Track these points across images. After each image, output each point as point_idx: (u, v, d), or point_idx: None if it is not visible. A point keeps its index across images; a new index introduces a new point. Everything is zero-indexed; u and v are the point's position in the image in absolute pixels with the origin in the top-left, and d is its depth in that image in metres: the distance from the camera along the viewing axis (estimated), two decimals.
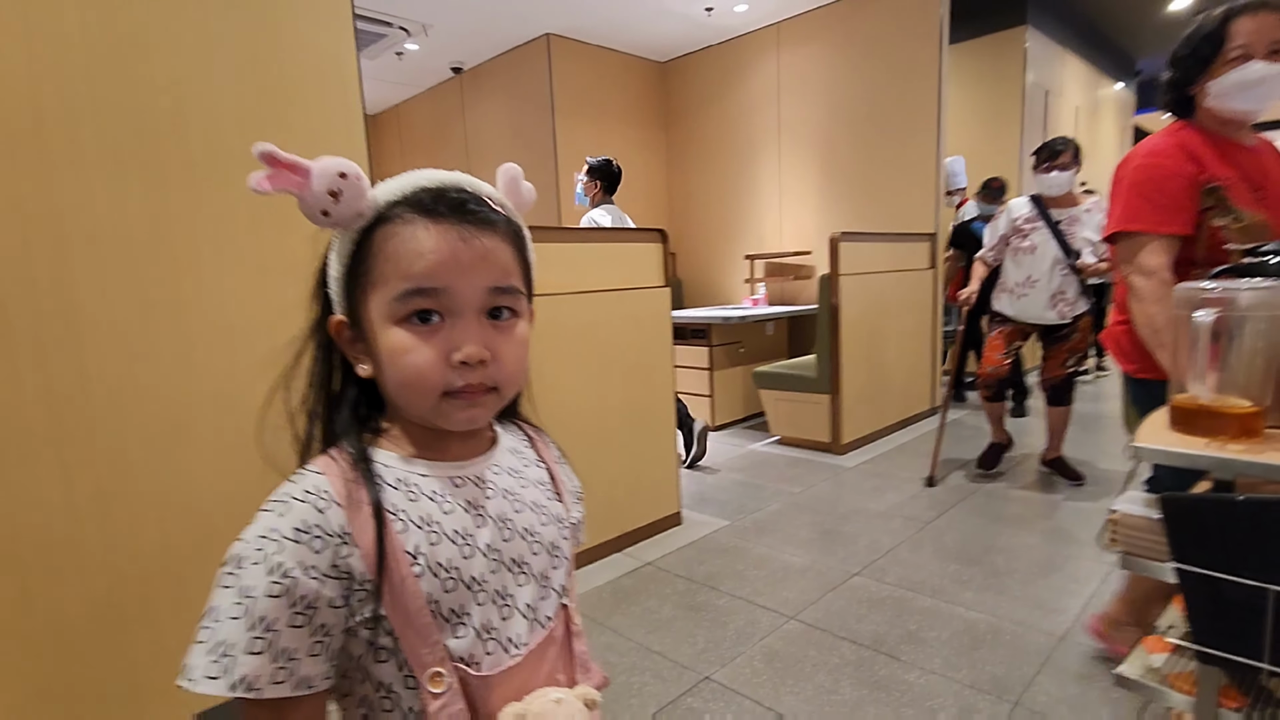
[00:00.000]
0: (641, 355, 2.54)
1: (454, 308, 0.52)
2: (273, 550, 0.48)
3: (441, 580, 0.52)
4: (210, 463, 1.50)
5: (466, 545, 0.54)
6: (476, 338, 0.52)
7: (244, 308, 1.52)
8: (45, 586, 1.32)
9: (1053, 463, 3.07)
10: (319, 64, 1.61)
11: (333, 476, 0.52)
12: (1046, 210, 2.82)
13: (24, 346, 1.27)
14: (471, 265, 0.52)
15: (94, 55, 1.32)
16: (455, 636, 0.52)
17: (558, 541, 0.62)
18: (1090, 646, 1.74)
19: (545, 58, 4.83)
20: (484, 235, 0.53)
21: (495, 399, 0.55)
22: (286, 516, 0.50)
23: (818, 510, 2.83)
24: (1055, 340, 2.91)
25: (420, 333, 0.52)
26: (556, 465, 0.67)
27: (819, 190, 4.79)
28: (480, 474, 0.58)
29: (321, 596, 0.49)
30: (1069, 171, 2.76)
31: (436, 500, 0.55)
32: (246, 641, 0.47)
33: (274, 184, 0.51)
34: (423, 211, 0.52)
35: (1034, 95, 5.30)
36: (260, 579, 0.48)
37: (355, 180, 0.51)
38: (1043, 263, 2.79)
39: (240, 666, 0.47)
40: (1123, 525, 1.01)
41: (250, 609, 0.47)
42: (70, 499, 1.33)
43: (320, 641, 0.49)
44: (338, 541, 0.49)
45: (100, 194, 1.34)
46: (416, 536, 0.52)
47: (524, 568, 0.58)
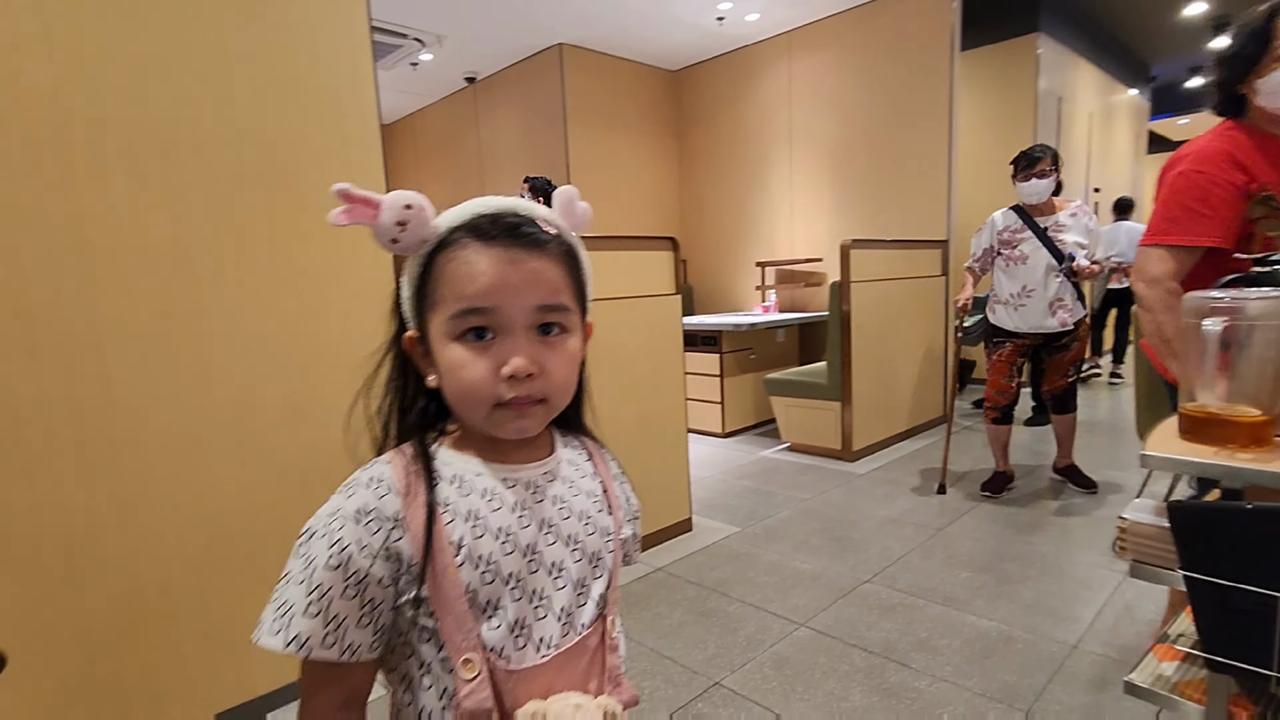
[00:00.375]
0: (652, 362, 2.56)
1: (504, 325, 0.56)
2: (336, 527, 0.55)
3: (480, 572, 0.56)
4: (226, 470, 1.52)
5: (508, 542, 0.57)
6: (525, 353, 0.55)
7: (260, 318, 1.55)
8: (67, 587, 1.35)
9: (1065, 471, 3.04)
10: (337, 77, 1.64)
11: (395, 468, 0.58)
12: (1032, 219, 2.81)
13: (48, 353, 1.30)
14: (520, 285, 0.55)
15: (118, 70, 1.35)
16: (489, 627, 0.56)
17: (601, 553, 0.64)
18: (1103, 655, 1.73)
19: (558, 67, 4.88)
20: (533, 257, 0.56)
21: (545, 410, 0.59)
22: (351, 499, 0.56)
23: (828, 517, 2.83)
24: (1056, 350, 2.87)
25: (474, 348, 0.56)
26: (612, 481, 0.69)
27: (830, 197, 4.79)
28: (533, 479, 0.62)
29: (371, 574, 0.54)
30: (1048, 179, 2.74)
31: (486, 497, 0.58)
32: (304, 605, 0.53)
33: (350, 217, 0.56)
34: (478, 236, 0.56)
35: (1046, 102, 5.29)
36: (323, 551, 0.54)
37: (419, 210, 0.56)
38: (1036, 271, 2.76)
39: (295, 626, 0.53)
40: (1132, 533, 1.01)
41: (311, 577, 0.53)
42: (91, 502, 1.37)
43: (368, 614, 0.55)
44: (390, 526, 0.55)
45: (123, 206, 1.37)
46: (462, 528, 0.56)
47: (562, 572, 0.60)
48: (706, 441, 4.19)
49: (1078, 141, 6.10)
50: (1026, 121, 5.14)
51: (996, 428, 2.99)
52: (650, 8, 4.33)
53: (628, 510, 0.71)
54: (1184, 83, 8.06)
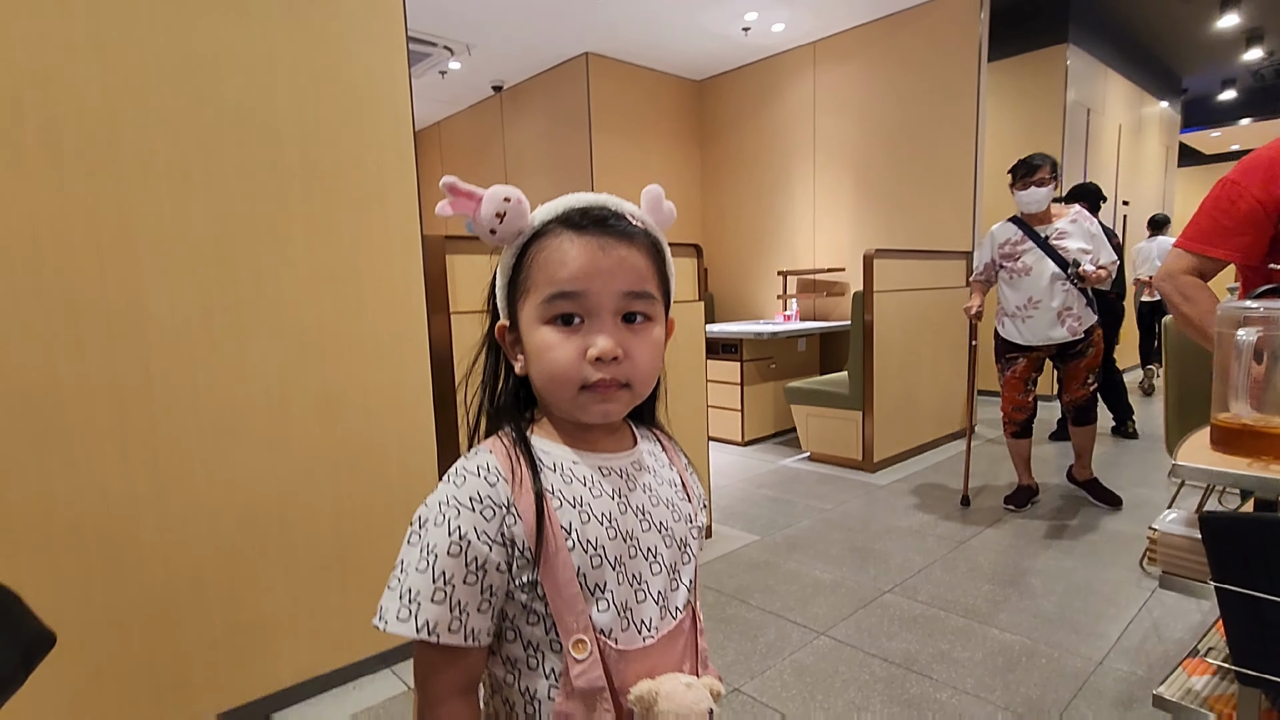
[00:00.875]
0: (674, 369, 2.57)
1: (592, 309, 0.58)
2: (452, 515, 0.56)
3: (589, 555, 0.58)
4: (259, 461, 1.56)
5: (611, 527, 0.60)
6: (611, 336, 0.58)
7: (295, 314, 1.59)
8: (105, 573, 1.39)
9: (1087, 485, 2.98)
10: (373, 84, 1.68)
11: (500, 455, 0.60)
12: (1032, 229, 2.77)
13: (94, 344, 1.35)
14: (609, 271, 0.58)
15: (166, 74, 1.40)
16: (598, 610, 0.58)
17: (687, 539, 0.66)
18: (1130, 672, 1.70)
19: (584, 76, 4.93)
20: (621, 245, 0.59)
21: (628, 395, 0.60)
22: (463, 488, 0.57)
23: (849, 527, 2.81)
24: (1071, 358, 2.81)
25: (563, 332, 0.58)
26: (686, 472, 0.72)
27: (853, 207, 4.78)
28: (625, 467, 0.64)
29: (490, 559, 0.56)
30: (1046, 187, 2.70)
31: (588, 484, 0.61)
32: (430, 591, 0.54)
33: (455, 209, 0.59)
34: (570, 226, 0.59)
35: (1075, 113, 5.24)
36: (442, 538, 0.55)
37: (517, 204, 0.59)
38: (1041, 281, 2.71)
39: (424, 612, 0.54)
40: (1162, 544, 1.00)
41: (433, 564, 0.55)
42: (131, 491, 1.41)
43: (488, 600, 0.57)
44: (504, 512, 0.56)
45: (168, 203, 1.42)
46: (570, 514, 0.58)
47: (658, 557, 0.62)
48: (726, 449, 4.19)
49: (1106, 154, 6.03)
50: (1054, 133, 5.10)
51: (1017, 442, 2.95)
52: (677, 18, 4.37)
53: (697, 499, 0.73)
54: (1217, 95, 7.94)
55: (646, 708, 0.57)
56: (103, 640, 1.39)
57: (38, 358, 1.29)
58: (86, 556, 1.37)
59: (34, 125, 1.27)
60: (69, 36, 1.30)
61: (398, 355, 1.76)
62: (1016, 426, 2.92)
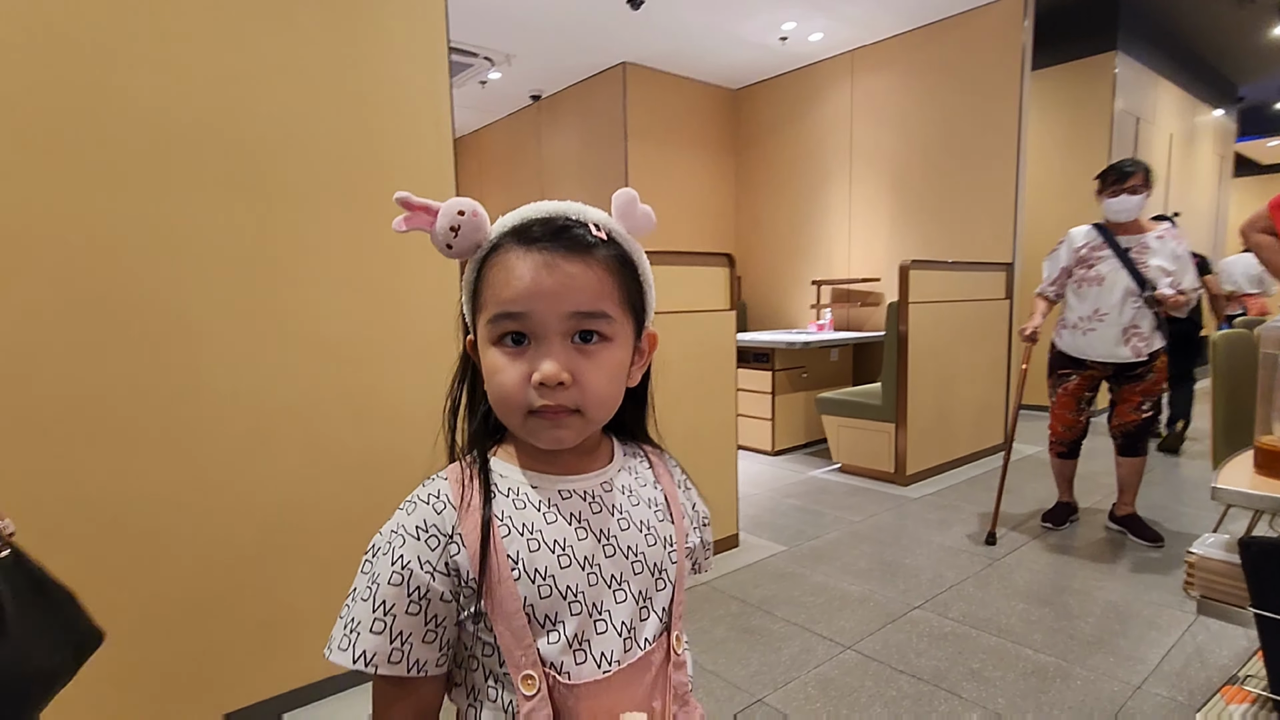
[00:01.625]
0: (704, 377, 2.57)
1: (538, 331, 0.54)
2: (398, 544, 0.55)
3: (537, 586, 0.55)
4: (295, 467, 1.61)
5: (564, 555, 0.56)
6: (558, 360, 0.54)
7: (333, 321, 1.64)
8: (143, 569, 1.44)
9: (1125, 520, 2.74)
10: (415, 97, 1.73)
11: (453, 482, 0.58)
12: (1114, 237, 2.58)
13: (143, 351, 1.41)
14: (553, 291, 0.54)
15: (215, 87, 1.47)
16: (548, 642, 0.55)
17: (663, 564, 0.61)
18: (1169, 699, 1.64)
19: (620, 85, 4.98)
20: (571, 261, 0.55)
21: (580, 421, 0.56)
22: (412, 515, 0.56)
23: (879, 540, 2.77)
24: (1128, 380, 2.61)
25: (510, 353, 0.55)
26: (676, 488, 0.68)
27: (890, 217, 4.73)
28: (590, 489, 0.60)
29: (433, 589, 0.54)
30: (1139, 196, 2.52)
31: (541, 510, 0.58)
32: (370, 621, 0.54)
33: (409, 224, 0.57)
34: (520, 240, 0.56)
35: (1123, 122, 5.10)
36: (385, 568, 0.54)
37: (471, 216, 0.56)
38: (1112, 294, 2.53)
39: (362, 642, 0.53)
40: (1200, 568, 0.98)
41: (375, 593, 0.54)
42: (172, 488, 1.46)
43: (433, 630, 0.55)
44: (448, 540, 0.55)
45: (214, 214, 1.48)
46: (518, 542, 0.55)
47: (623, 585, 0.58)
48: (756, 459, 4.16)
49: (1156, 164, 5.85)
50: (1101, 143, 4.98)
51: (1062, 462, 2.82)
52: (714, 28, 4.39)
53: (694, 517, 0.69)
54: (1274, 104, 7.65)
55: None
56: (141, 632, 1.45)
57: (91, 360, 1.36)
58: (128, 550, 1.42)
59: (93, 137, 1.34)
60: (128, 52, 1.36)
61: (429, 363, 1.79)
62: (1064, 447, 2.78)
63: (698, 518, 0.70)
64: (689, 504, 0.69)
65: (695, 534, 0.68)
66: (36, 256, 1.29)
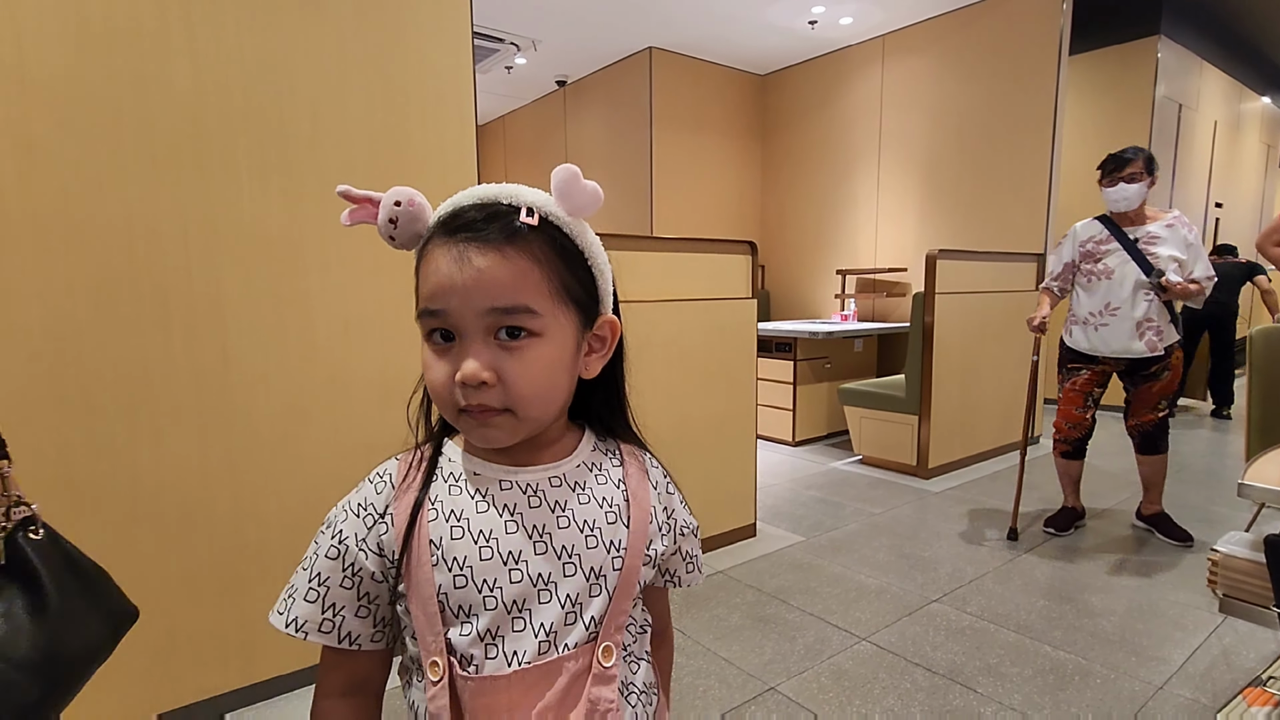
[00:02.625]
0: (725, 365, 2.57)
1: (460, 328, 0.52)
2: (340, 519, 0.57)
3: (453, 574, 0.53)
4: (324, 443, 1.65)
5: (486, 547, 0.54)
6: (480, 358, 0.52)
7: (359, 303, 1.66)
8: (181, 540, 1.50)
9: (1153, 519, 2.67)
10: (439, 82, 1.74)
11: (401, 463, 0.59)
12: (1120, 229, 2.49)
13: (178, 330, 1.45)
14: (466, 287, 0.51)
15: (248, 74, 1.49)
16: (460, 633, 0.53)
17: (604, 569, 0.57)
18: (1193, 700, 1.62)
19: (646, 70, 4.95)
20: (486, 254, 0.51)
21: (511, 420, 0.54)
22: (358, 493, 0.58)
23: (898, 533, 2.75)
24: (1144, 379, 2.52)
25: (439, 350, 0.54)
26: (649, 492, 0.63)
27: (919, 206, 4.65)
28: (534, 482, 0.58)
29: (365, 567, 0.55)
30: (1139, 184, 2.42)
31: (475, 498, 0.56)
32: (305, 590, 0.56)
33: (354, 218, 0.57)
34: (443, 232, 0.53)
35: (1165, 109, 4.95)
36: (326, 541, 0.57)
37: (409, 206, 0.54)
38: (1123, 288, 2.44)
39: (296, 609, 0.55)
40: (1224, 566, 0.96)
41: (313, 564, 0.56)
42: (205, 465, 1.51)
43: (366, 606, 0.56)
44: (378, 519, 0.56)
45: (247, 199, 1.51)
46: (442, 528, 0.55)
47: (549, 586, 0.55)
48: (776, 449, 4.15)
49: (1199, 153, 5.67)
50: (1141, 130, 4.83)
51: (1066, 462, 2.72)
52: (742, 12, 4.33)
53: (668, 525, 0.65)
54: None
55: None
56: (178, 602, 1.50)
57: (131, 340, 1.40)
58: (166, 524, 1.47)
59: (131, 126, 1.37)
60: (166, 43, 1.39)
61: None
62: (1069, 446, 2.68)
63: (674, 525, 0.66)
64: (662, 509, 0.64)
65: (664, 541, 0.63)
66: (77, 238, 1.34)
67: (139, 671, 1.47)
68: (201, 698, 1.55)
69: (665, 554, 0.64)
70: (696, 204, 5.25)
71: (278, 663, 1.63)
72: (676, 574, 0.69)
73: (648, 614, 0.66)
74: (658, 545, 0.62)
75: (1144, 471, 2.66)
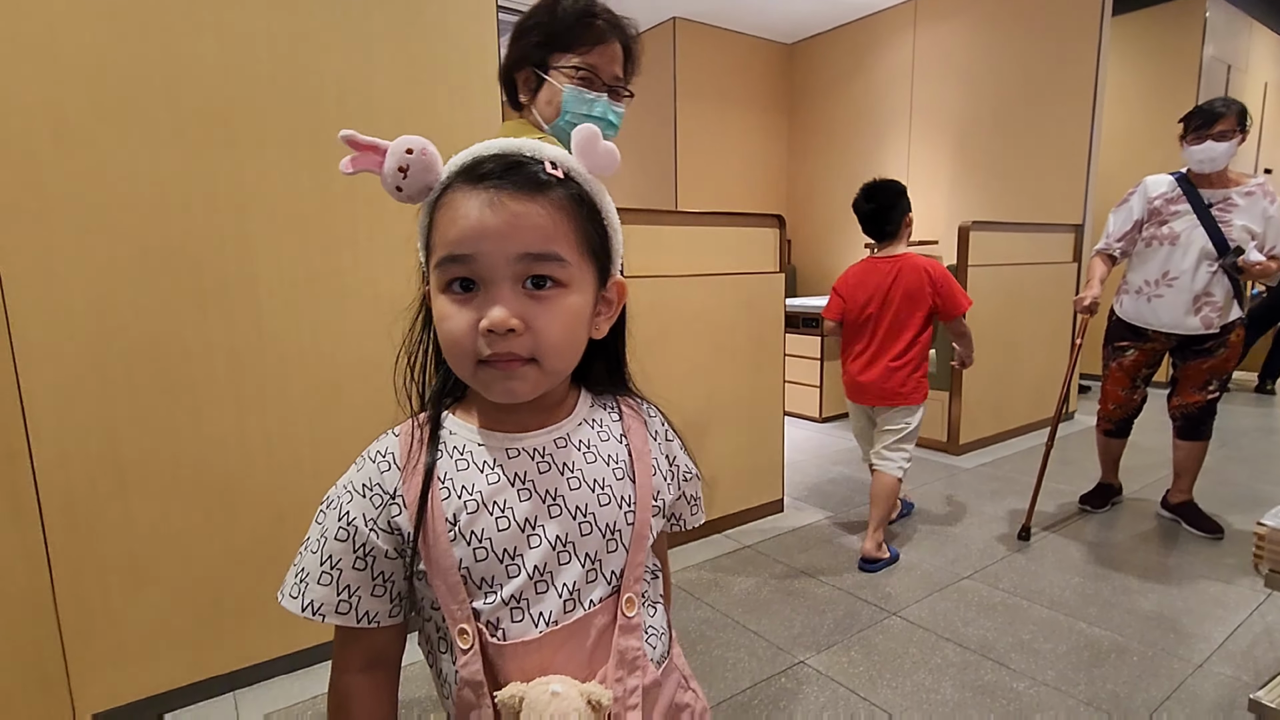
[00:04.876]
0: (752, 341, 2.55)
1: (485, 275, 0.51)
2: (345, 500, 0.56)
3: (473, 548, 0.54)
4: (357, 416, 1.67)
5: (503, 517, 0.55)
6: (508, 306, 0.51)
7: (389, 278, 1.68)
8: (222, 514, 1.54)
9: (1179, 508, 2.49)
10: (464, 55, 1.73)
11: (402, 440, 0.58)
12: (1196, 191, 2.24)
13: (214, 305, 1.48)
14: (499, 231, 0.50)
15: (276, 53, 1.49)
16: (485, 601, 0.54)
17: (617, 524, 0.58)
18: (1233, 678, 1.59)
19: (670, 42, 4.86)
20: (520, 200, 0.51)
21: (535, 371, 0.53)
22: (360, 473, 0.58)
23: (928, 510, 2.73)
24: (1194, 355, 2.31)
25: (458, 300, 0.52)
26: (650, 442, 0.63)
27: (951, 176, 4.53)
28: (540, 446, 0.58)
29: (377, 547, 0.55)
30: (1228, 143, 2.15)
31: (484, 470, 0.56)
32: (318, 574, 0.55)
33: (356, 165, 0.55)
34: (468, 178, 0.52)
35: (1213, 70, 4.72)
36: (333, 523, 0.56)
37: (420, 155, 0.53)
38: (1186, 256, 2.22)
39: (310, 593, 0.55)
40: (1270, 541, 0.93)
41: (323, 546, 0.56)
42: (244, 441, 1.54)
43: (381, 585, 0.56)
44: (389, 500, 0.55)
45: (277, 176, 1.52)
46: (455, 504, 0.55)
47: (569, 547, 0.56)
48: (803, 425, 4.13)
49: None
50: (1188, 93, 4.62)
51: (1108, 440, 2.59)
52: None
53: (671, 472, 0.66)
54: None
55: (512, 714, 0.53)
56: (220, 572, 1.55)
57: (167, 318, 1.43)
58: (207, 498, 1.52)
59: (164, 104, 1.39)
60: (194, 21, 1.40)
61: None
62: (1112, 425, 2.54)
63: (677, 472, 0.67)
64: (665, 457, 0.65)
65: (671, 489, 0.65)
66: (114, 218, 1.36)
67: (188, 634, 1.52)
68: (244, 665, 1.61)
69: (672, 501, 0.65)
70: (722, 177, 5.18)
71: (316, 635, 1.68)
72: (681, 517, 0.70)
73: (656, 559, 0.67)
74: (665, 495, 0.63)
75: (1178, 457, 2.47)
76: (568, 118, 1.19)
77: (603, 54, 1.19)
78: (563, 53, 1.18)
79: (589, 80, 1.19)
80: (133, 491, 1.44)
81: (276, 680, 1.64)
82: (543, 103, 1.22)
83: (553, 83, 1.19)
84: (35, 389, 1.32)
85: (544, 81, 1.20)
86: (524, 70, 1.21)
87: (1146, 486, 2.88)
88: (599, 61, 1.18)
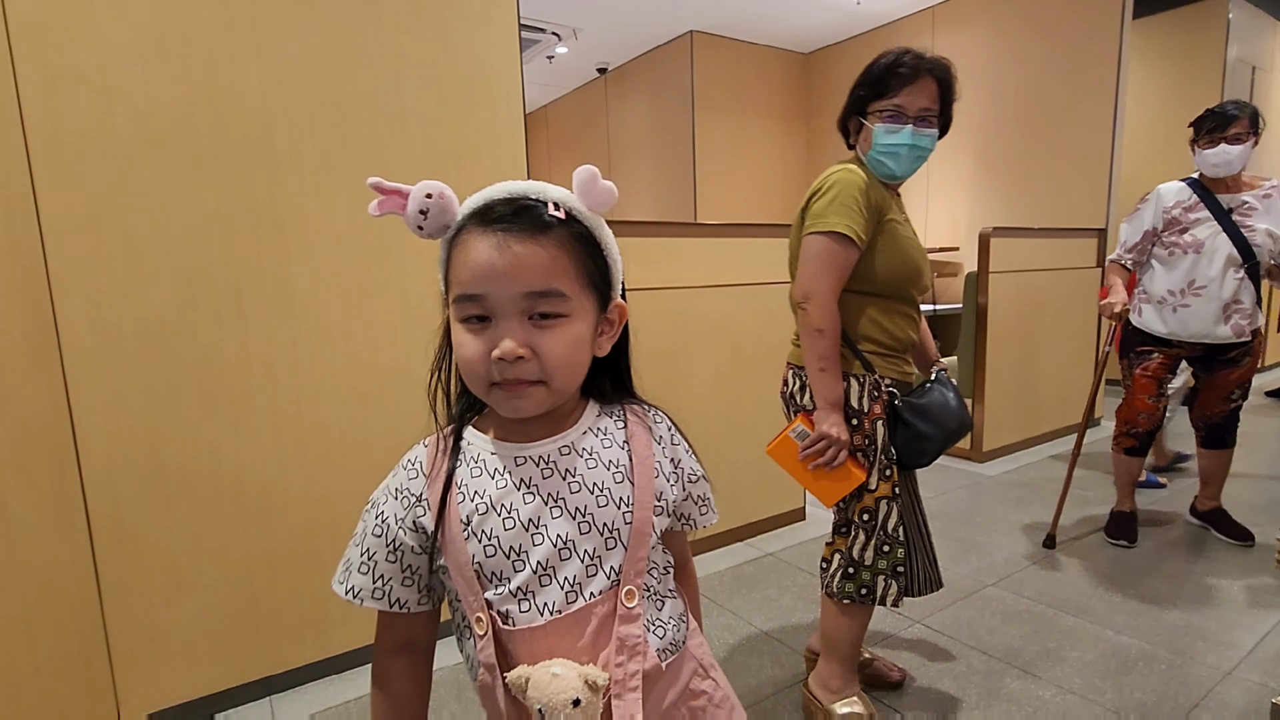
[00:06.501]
0: (774, 350, 2.57)
1: (496, 310, 0.58)
2: (382, 501, 0.66)
3: (484, 545, 0.61)
4: (388, 429, 1.72)
5: (510, 517, 0.61)
6: (516, 337, 0.58)
7: (419, 295, 1.73)
8: (258, 521, 1.59)
9: (1209, 515, 2.46)
10: (489, 74, 1.78)
11: (430, 450, 0.66)
12: (1213, 196, 2.20)
13: (252, 319, 1.54)
14: (506, 273, 0.57)
15: (311, 74, 1.55)
16: (495, 592, 0.61)
17: (616, 524, 0.63)
18: (1262, 685, 1.57)
19: (688, 54, 4.92)
20: (523, 243, 0.58)
21: (543, 391, 0.60)
22: (395, 478, 0.67)
23: (952, 517, 2.72)
24: (1221, 365, 2.26)
25: (473, 330, 0.60)
26: (653, 446, 0.68)
27: (971, 183, 4.52)
28: (545, 454, 0.64)
29: (405, 543, 0.64)
30: (1242, 145, 2.12)
31: (494, 476, 0.63)
32: (359, 564, 0.65)
33: (382, 208, 0.62)
34: (479, 223, 0.59)
35: (1237, 72, 4.67)
36: (372, 521, 0.66)
37: (439, 199, 0.60)
38: (1212, 264, 2.17)
39: (351, 579, 0.65)
40: None
41: (363, 540, 0.66)
42: (280, 450, 1.60)
43: (410, 576, 0.65)
44: (415, 502, 0.64)
45: (313, 194, 1.58)
46: (469, 507, 0.62)
47: (570, 545, 0.61)
48: None
49: (1274, 118, 5.34)
50: (1212, 95, 4.57)
51: (1128, 459, 2.43)
52: None
53: (676, 474, 0.70)
54: None
55: (520, 692, 0.59)
56: (258, 576, 1.60)
57: (210, 331, 1.49)
58: (245, 504, 1.57)
59: (206, 129, 1.45)
60: (234, 49, 1.46)
61: None
62: (1134, 441, 2.39)
63: (682, 474, 0.71)
64: (669, 460, 0.69)
65: (674, 490, 0.69)
66: (160, 240, 1.42)
67: (225, 635, 1.58)
68: (280, 670, 1.65)
69: (677, 501, 0.70)
70: (741, 187, 5.21)
71: (348, 636, 1.72)
72: (691, 517, 0.75)
73: (669, 555, 0.72)
74: (669, 495, 0.68)
75: (1204, 465, 2.43)
76: (878, 149, 1.45)
77: (909, 93, 1.41)
78: (878, 99, 1.44)
79: (895, 116, 1.42)
80: (175, 500, 1.49)
81: (311, 685, 1.68)
82: (863, 141, 1.50)
83: (867, 124, 1.46)
84: (84, 402, 1.39)
85: (863, 125, 1.49)
86: (851, 118, 1.53)
87: (1171, 496, 2.84)
88: (905, 100, 1.41)
